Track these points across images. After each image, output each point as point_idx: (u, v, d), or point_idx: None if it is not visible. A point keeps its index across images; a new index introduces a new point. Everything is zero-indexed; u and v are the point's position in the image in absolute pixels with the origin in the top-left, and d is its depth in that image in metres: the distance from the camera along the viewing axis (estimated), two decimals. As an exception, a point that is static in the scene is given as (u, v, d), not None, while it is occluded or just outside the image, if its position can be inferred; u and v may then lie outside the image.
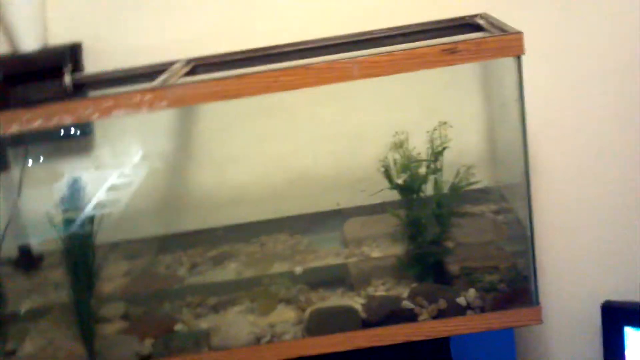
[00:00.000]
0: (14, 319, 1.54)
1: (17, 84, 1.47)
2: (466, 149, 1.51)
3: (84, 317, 1.45)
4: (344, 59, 1.20)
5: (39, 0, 1.51)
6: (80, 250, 1.46)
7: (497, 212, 1.54)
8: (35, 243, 1.69)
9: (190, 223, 1.72)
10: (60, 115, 1.27)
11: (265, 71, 1.21)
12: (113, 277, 1.60)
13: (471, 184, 1.41)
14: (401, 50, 1.17)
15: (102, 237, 1.49)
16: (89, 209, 1.50)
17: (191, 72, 1.45)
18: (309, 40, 1.50)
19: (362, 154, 1.60)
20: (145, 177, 1.68)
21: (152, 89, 1.24)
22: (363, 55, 1.19)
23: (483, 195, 1.53)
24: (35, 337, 1.50)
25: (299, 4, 1.59)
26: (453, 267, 1.41)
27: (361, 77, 1.19)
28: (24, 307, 1.56)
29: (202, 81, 1.25)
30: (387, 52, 1.17)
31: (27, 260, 1.69)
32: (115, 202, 1.61)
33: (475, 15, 1.48)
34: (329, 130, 1.63)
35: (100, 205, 1.53)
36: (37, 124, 1.25)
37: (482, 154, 1.62)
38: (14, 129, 1.26)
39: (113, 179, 1.62)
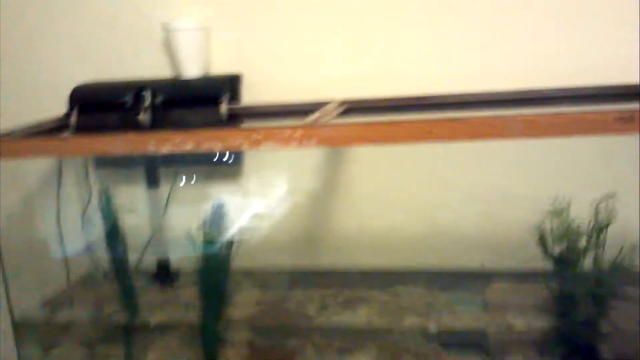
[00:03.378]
0: (143, 330, 1.57)
1: (175, 107, 1.51)
2: (630, 225, 1.37)
3: (210, 339, 1.45)
4: (503, 115, 1.11)
5: (205, 31, 1.55)
6: (216, 272, 1.47)
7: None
8: (174, 260, 1.73)
9: (326, 261, 1.69)
10: (211, 142, 1.28)
11: (419, 120, 1.15)
12: (244, 304, 1.60)
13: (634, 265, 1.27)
14: (569, 113, 1.06)
15: (239, 262, 1.50)
16: (229, 234, 1.51)
17: (344, 113, 1.42)
18: (467, 92, 1.43)
19: (513, 217, 1.50)
20: (288, 210, 1.68)
21: (303, 127, 1.22)
22: (525, 114, 1.10)
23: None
24: (159, 350, 1.51)
25: (461, 54, 1.51)
26: (607, 354, 1.27)
27: (520, 137, 1.09)
28: (153, 320, 1.59)
29: (353, 124, 1.21)
30: (552, 114, 1.07)
31: (164, 276, 1.74)
32: (256, 230, 1.61)
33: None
34: (480, 187, 1.55)
35: (241, 231, 1.54)
36: (188, 147, 1.27)
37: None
38: (166, 149, 1.28)
39: (257, 208, 1.63)
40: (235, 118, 1.54)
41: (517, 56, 1.48)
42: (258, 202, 1.67)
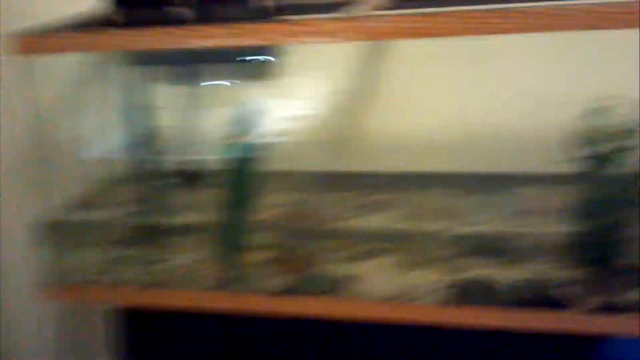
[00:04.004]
0: (171, 230, 1.58)
1: (216, 2, 1.46)
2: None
3: (233, 242, 1.46)
4: (563, 4, 1.08)
5: None
6: (244, 174, 1.46)
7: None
8: (201, 161, 1.72)
9: (361, 164, 1.68)
10: (253, 36, 1.26)
11: (474, 11, 1.12)
12: (269, 206, 1.60)
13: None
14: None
15: (271, 165, 1.49)
16: (261, 135, 1.50)
17: (397, 7, 1.37)
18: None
19: (552, 117, 1.48)
20: (324, 111, 1.66)
21: (348, 19, 1.19)
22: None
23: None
24: (186, 251, 1.52)
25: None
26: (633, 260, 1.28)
27: (582, 28, 1.07)
28: (181, 221, 1.59)
29: (399, 16, 1.17)
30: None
31: (191, 176, 1.74)
32: (289, 132, 1.60)
33: None
34: (519, 86, 1.52)
35: (273, 133, 1.53)
36: (231, 41, 1.25)
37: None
38: (208, 43, 1.26)
39: (292, 108, 1.61)
40: (281, 12, 1.49)
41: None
42: (294, 102, 1.65)
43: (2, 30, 1.31)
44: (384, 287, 1.34)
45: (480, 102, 1.56)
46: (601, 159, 1.28)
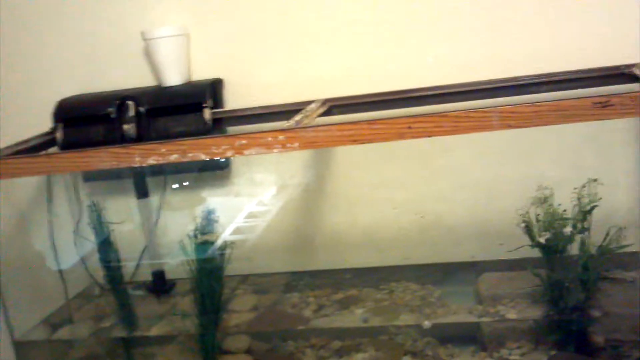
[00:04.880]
0: (142, 342, 1.58)
1: (160, 116, 1.51)
2: (615, 208, 1.38)
3: (209, 348, 1.46)
4: (482, 107, 1.11)
5: (185, 39, 1.55)
6: (210, 279, 1.48)
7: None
8: (169, 269, 1.73)
9: (318, 261, 1.70)
10: (196, 151, 1.28)
11: (399, 117, 1.15)
12: (240, 311, 1.61)
13: (622, 247, 1.27)
14: (547, 101, 1.07)
15: (232, 268, 1.51)
16: (220, 240, 1.52)
17: (327, 113, 1.42)
18: (447, 84, 1.43)
19: (499, 206, 1.51)
20: (277, 212, 1.68)
21: (284, 130, 1.22)
22: (504, 105, 1.10)
23: (633, 260, 1.39)
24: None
25: (439, 48, 1.50)
26: (598, 338, 1.27)
27: (500, 128, 1.10)
28: (152, 332, 1.60)
29: (334, 125, 1.21)
30: (530, 103, 1.08)
31: (160, 285, 1.74)
32: (246, 233, 1.62)
33: (632, 65, 1.34)
34: (464, 179, 1.55)
35: (232, 235, 1.55)
36: (173, 157, 1.28)
37: (634, 215, 1.46)
38: (152, 160, 1.29)
39: (246, 212, 1.63)
40: (220, 123, 1.54)
41: (495, 45, 1.47)
42: (247, 206, 1.67)
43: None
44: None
45: (428, 197, 1.59)
46: (559, 243, 1.30)
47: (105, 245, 1.55)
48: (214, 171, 1.70)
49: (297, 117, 1.32)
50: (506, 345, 1.36)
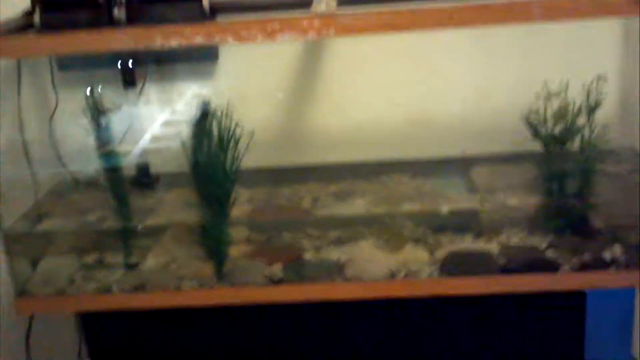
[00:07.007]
0: (136, 234, 1.56)
1: (152, 1, 1.44)
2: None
3: (214, 239, 1.46)
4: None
5: None
6: (212, 172, 1.46)
7: (631, 173, 1.52)
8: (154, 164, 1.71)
9: (309, 158, 1.72)
10: (222, 34, 1.26)
11: (442, 7, 1.18)
12: (236, 203, 1.61)
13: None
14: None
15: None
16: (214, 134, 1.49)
17: (345, 3, 1.41)
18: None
19: (494, 105, 1.59)
20: (269, 109, 1.68)
21: (321, 16, 1.23)
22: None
23: (613, 155, 1.52)
24: (157, 253, 1.51)
25: None
26: (597, 223, 1.39)
27: (542, 20, 1.16)
28: (145, 224, 1.58)
29: (374, 12, 1.22)
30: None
31: (144, 179, 1.71)
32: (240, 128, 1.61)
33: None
34: (459, 76, 1.61)
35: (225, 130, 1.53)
36: (197, 40, 1.26)
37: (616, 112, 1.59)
38: (174, 42, 1.26)
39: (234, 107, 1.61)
40: (214, 13, 1.49)
41: None
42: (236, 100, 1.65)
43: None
44: (376, 268, 1.39)
45: (423, 93, 1.64)
46: (560, 136, 1.39)
47: (103, 134, 1.50)
48: (201, 62, 1.67)
49: (320, 6, 1.31)
50: (504, 232, 1.44)
